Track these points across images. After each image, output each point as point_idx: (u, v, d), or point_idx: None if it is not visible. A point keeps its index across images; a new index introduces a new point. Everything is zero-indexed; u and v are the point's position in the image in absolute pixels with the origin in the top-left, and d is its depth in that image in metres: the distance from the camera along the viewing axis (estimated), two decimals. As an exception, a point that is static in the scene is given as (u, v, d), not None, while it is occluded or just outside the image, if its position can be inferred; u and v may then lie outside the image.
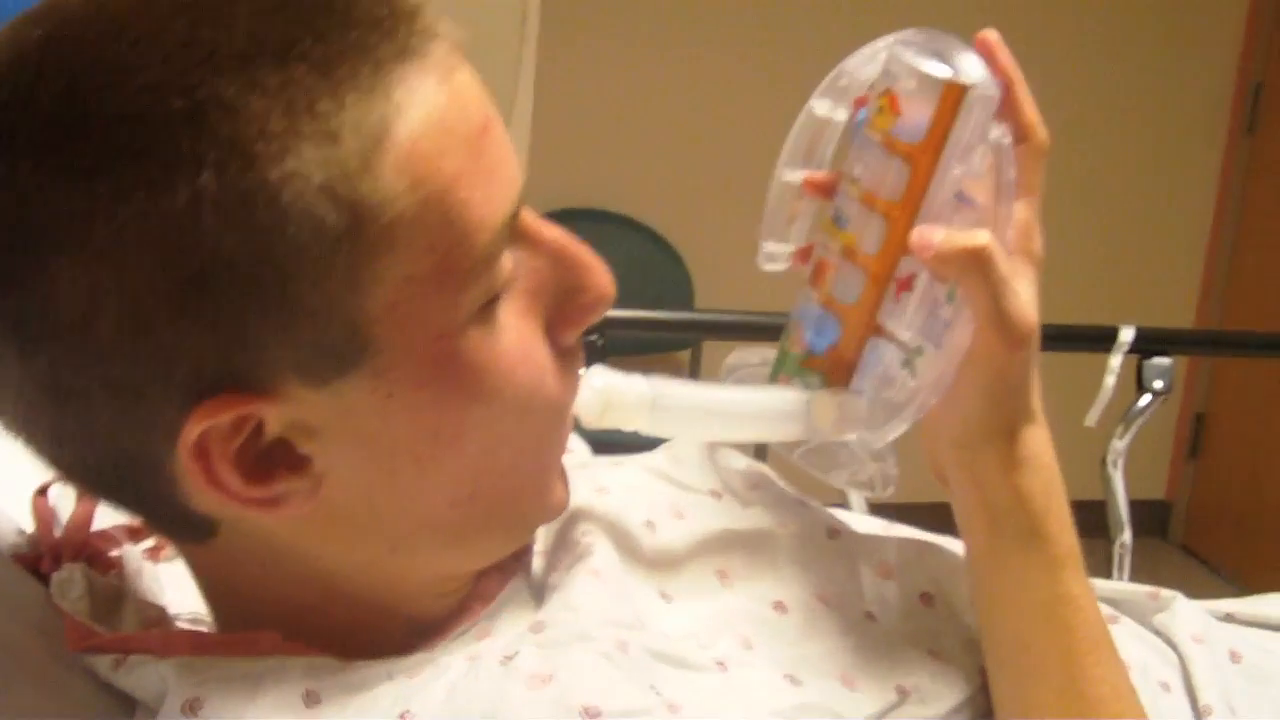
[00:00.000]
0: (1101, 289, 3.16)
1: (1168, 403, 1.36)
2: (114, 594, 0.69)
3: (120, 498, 0.60)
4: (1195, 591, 0.88)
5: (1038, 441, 0.67)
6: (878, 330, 0.69)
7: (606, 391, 0.66)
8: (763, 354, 0.76)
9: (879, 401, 0.69)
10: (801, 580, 0.73)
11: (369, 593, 0.62)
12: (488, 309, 0.57)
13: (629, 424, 0.67)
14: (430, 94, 0.53)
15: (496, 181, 0.56)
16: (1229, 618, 0.88)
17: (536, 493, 0.65)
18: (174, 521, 0.60)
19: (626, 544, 0.71)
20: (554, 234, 0.61)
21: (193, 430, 0.53)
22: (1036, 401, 0.68)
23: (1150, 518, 3.51)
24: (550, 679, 0.56)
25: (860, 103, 0.70)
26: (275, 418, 0.54)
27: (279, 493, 0.56)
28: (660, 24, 3.08)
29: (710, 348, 2.83)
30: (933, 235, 0.63)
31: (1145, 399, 1.34)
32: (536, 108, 2.25)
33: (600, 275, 0.62)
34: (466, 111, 0.55)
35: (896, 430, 0.68)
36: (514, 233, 0.59)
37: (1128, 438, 1.35)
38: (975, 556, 0.69)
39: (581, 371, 0.66)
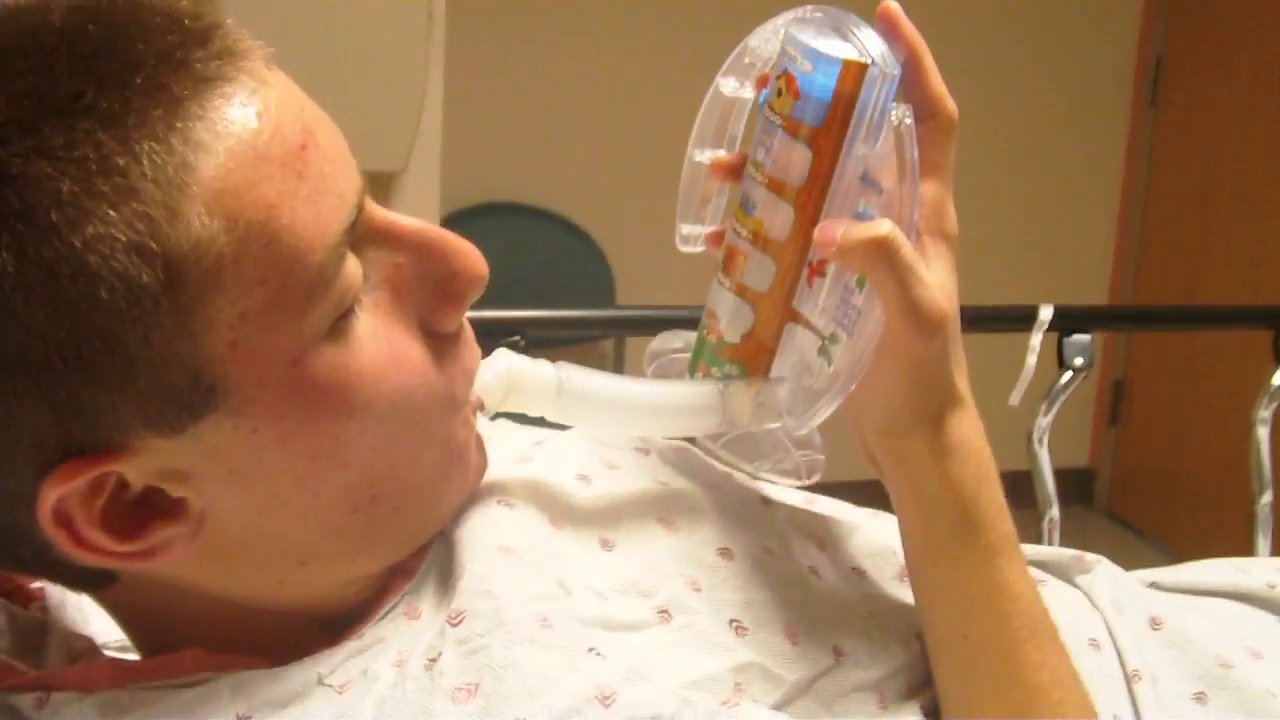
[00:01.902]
0: (1016, 268, 3.21)
1: (1091, 366, 1.37)
2: (38, 628, 0.67)
3: (10, 566, 0.59)
4: (1122, 556, 0.89)
5: (965, 427, 0.66)
6: (794, 316, 0.68)
7: (510, 374, 0.65)
8: (686, 339, 0.75)
9: (798, 389, 0.68)
10: (743, 531, 0.72)
11: (288, 604, 0.61)
12: (341, 323, 0.56)
13: (533, 409, 0.66)
14: (236, 122, 0.52)
15: (325, 194, 0.54)
16: (1155, 585, 0.90)
17: (445, 476, 0.63)
18: (70, 578, 0.59)
19: (556, 502, 0.70)
20: (410, 226, 0.60)
21: (47, 499, 0.52)
22: (963, 386, 0.67)
23: (1075, 485, 3.58)
24: (475, 690, 0.56)
25: (764, 81, 0.68)
26: (135, 471, 0.53)
27: (156, 542, 0.55)
28: (573, 14, 3.07)
29: (633, 340, 2.84)
30: (834, 229, 0.62)
31: (1067, 376, 1.36)
32: (450, 101, 2.23)
33: (467, 257, 0.60)
34: (280, 131, 0.53)
35: (817, 418, 0.67)
36: (366, 235, 0.58)
37: (1051, 414, 1.37)
38: (910, 545, 0.69)
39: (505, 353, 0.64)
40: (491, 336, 1.24)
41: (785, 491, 0.81)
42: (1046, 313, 1.32)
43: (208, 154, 0.50)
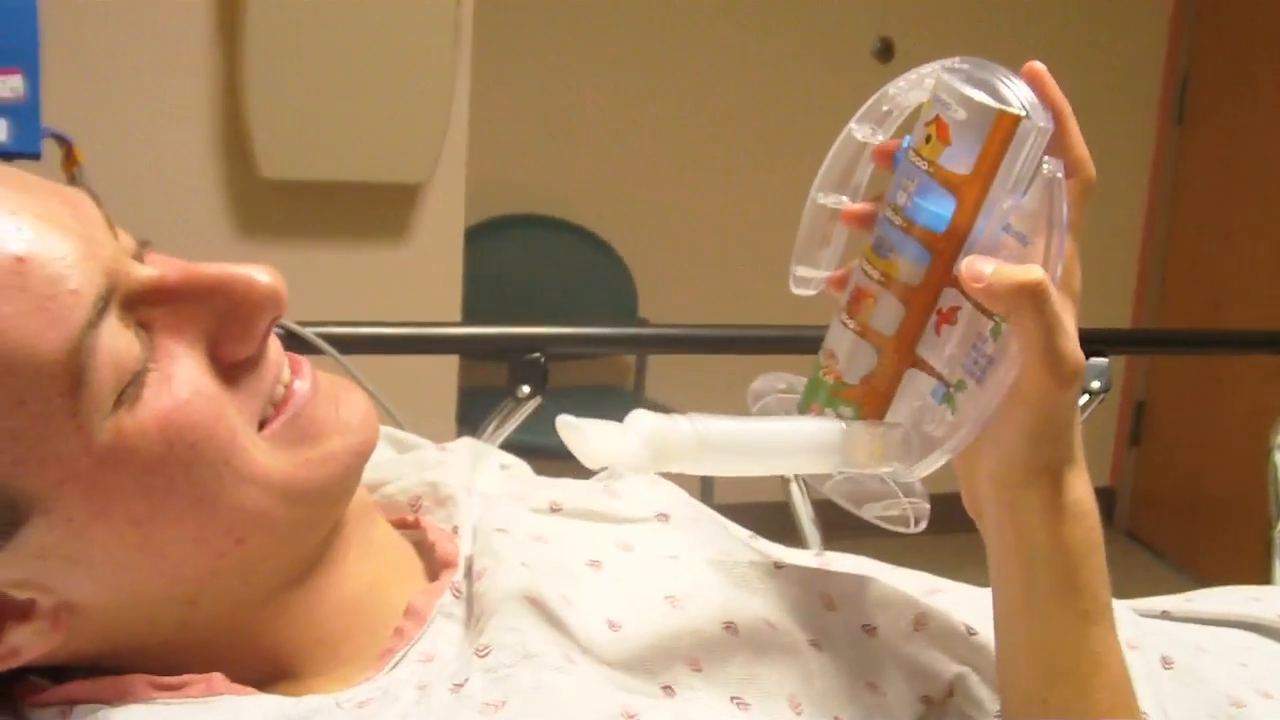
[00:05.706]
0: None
1: (1109, 390, 1.37)
2: None
3: None
4: (1140, 577, 0.88)
5: (1080, 487, 0.66)
6: (915, 362, 0.68)
7: (653, 437, 0.61)
8: (788, 380, 0.74)
9: (916, 435, 0.67)
10: (749, 605, 0.73)
11: (224, 638, 0.63)
12: (131, 390, 0.56)
13: (677, 468, 0.63)
14: None
15: (55, 299, 0.54)
16: (1165, 615, 0.89)
17: (305, 485, 0.62)
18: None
19: (568, 582, 0.71)
20: (174, 278, 0.60)
21: None
22: (1079, 444, 0.66)
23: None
24: (503, 705, 0.57)
25: (903, 129, 0.68)
26: None
27: (17, 643, 0.58)
28: (600, 27, 3.08)
29: (654, 356, 2.84)
30: (984, 267, 0.62)
31: (1083, 399, 1.35)
32: (475, 114, 2.25)
33: (237, 288, 0.60)
34: None
35: (933, 465, 0.66)
36: (137, 299, 0.58)
37: (1067, 437, 1.36)
38: (1003, 600, 0.68)
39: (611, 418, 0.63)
40: (512, 353, 1.25)
41: (798, 554, 0.81)
42: (1064, 336, 1.32)
43: None
